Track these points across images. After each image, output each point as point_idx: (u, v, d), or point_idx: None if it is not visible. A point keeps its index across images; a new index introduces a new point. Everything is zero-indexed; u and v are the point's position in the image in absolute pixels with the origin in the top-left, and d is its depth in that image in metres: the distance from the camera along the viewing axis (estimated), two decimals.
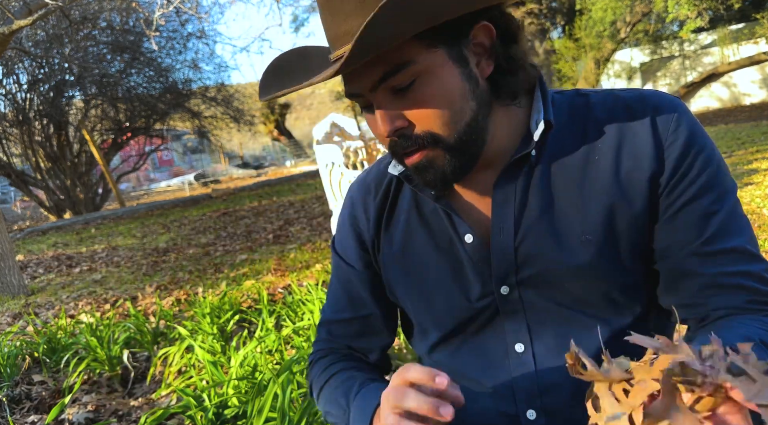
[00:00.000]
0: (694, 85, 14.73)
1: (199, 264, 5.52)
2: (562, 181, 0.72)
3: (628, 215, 0.70)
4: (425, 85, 0.65)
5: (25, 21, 4.60)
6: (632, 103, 0.72)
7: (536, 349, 0.75)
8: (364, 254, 0.87)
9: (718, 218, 0.68)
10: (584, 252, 0.71)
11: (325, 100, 31.07)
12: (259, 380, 1.89)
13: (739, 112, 12.68)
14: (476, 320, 0.78)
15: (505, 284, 0.75)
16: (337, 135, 4.70)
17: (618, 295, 0.72)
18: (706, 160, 0.69)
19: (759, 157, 6.17)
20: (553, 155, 0.73)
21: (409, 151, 0.69)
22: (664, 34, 15.31)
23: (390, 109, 0.67)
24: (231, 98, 15.23)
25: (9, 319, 4.23)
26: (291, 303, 3.03)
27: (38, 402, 2.46)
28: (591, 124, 0.73)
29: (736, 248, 0.68)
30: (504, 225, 0.74)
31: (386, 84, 0.65)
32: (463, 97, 0.67)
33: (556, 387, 0.74)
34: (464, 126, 0.68)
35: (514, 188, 0.73)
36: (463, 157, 0.69)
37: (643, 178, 0.69)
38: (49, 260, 7.13)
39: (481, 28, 0.67)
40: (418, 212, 0.81)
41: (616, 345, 0.72)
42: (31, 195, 12.93)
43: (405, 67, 0.64)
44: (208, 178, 20.62)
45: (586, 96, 0.75)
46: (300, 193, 10.83)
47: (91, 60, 11.24)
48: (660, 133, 0.69)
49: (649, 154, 0.69)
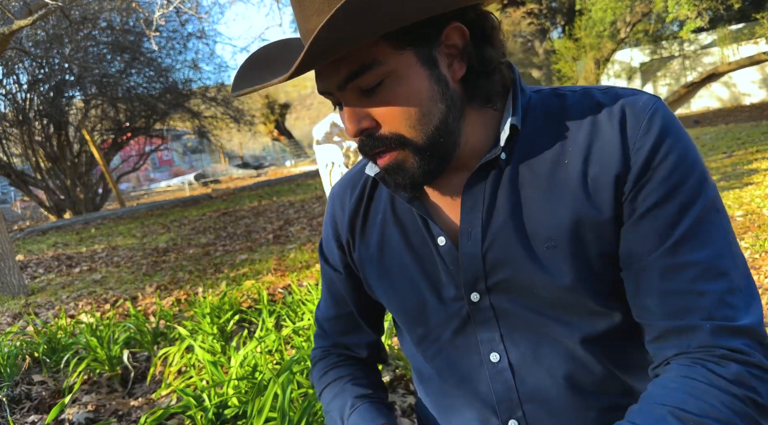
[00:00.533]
0: (694, 85, 14.72)
1: (199, 264, 5.52)
2: (530, 184, 0.70)
3: (594, 221, 0.67)
4: (392, 87, 0.64)
5: (25, 21, 4.60)
6: (606, 103, 0.69)
7: (512, 358, 0.73)
8: (341, 254, 0.88)
9: (683, 227, 0.63)
10: (550, 257, 0.68)
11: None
12: (259, 380, 1.89)
13: (739, 112, 12.68)
14: (449, 324, 0.77)
15: (475, 291, 0.73)
16: (337, 135, 4.70)
17: (590, 302, 0.69)
18: (675, 164, 0.64)
19: (759, 157, 6.17)
20: (524, 157, 0.71)
21: (378, 151, 0.69)
22: (664, 34, 15.31)
23: (357, 108, 0.67)
24: (231, 98, 15.22)
25: (9, 319, 4.23)
26: (291, 303, 3.03)
27: (38, 402, 2.46)
28: (564, 125, 0.70)
29: (698, 262, 0.63)
30: (472, 231, 0.72)
31: (353, 83, 0.65)
32: (432, 99, 0.66)
33: (536, 396, 0.72)
34: (433, 129, 0.66)
35: (482, 192, 0.72)
36: (432, 159, 0.68)
37: (608, 183, 0.66)
38: (49, 260, 7.13)
39: (454, 29, 0.66)
40: (394, 212, 0.81)
41: (591, 351, 0.71)
42: (31, 195, 12.93)
43: (371, 68, 0.63)
44: (208, 178, 20.62)
45: (563, 96, 0.73)
46: (300, 193, 10.83)
47: (91, 60, 11.24)
48: (628, 136, 0.66)
49: (616, 159, 0.66)
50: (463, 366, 0.77)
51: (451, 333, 0.77)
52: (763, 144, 7.14)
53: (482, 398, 0.76)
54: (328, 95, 0.69)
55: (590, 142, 0.68)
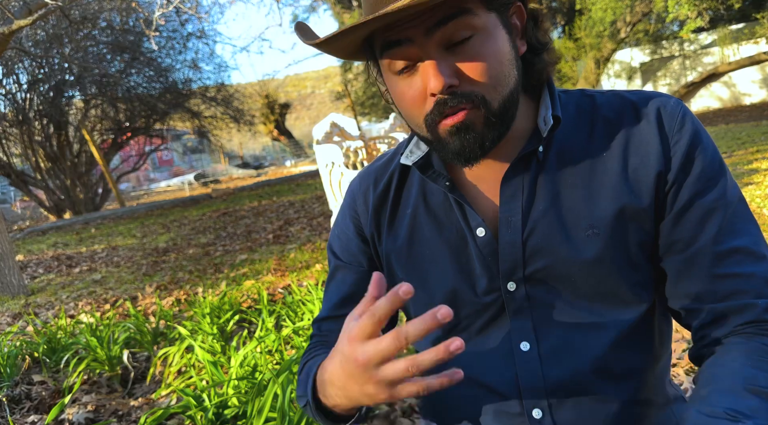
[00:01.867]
0: (694, 85, 14.73)
1: (199, 264, 5.52)
2: (569, 177, 0.73)
3: (636, 210, 0.71)
4: (481, 43, 0.66)
5: (25, 21, 4.61)
6: (638, 103, 0.74)
7: (542, 348, 0.75)
8: (365, 247, 0.87)
9: (724, 216, 0.69)
10: (591, 246, 0.71)
11: (325, 100, 31.06)
12: (259, 380, 1.89)
13: (739, 112, 12.68)
14: (482, 316, 0.78)
15: (512, 280, 0.75)
16: (337, 135, 4.70)
17: (626, 292, 0.72)
18: (710, 158, 0.70)
19: (759, 157, 6.17)
20: (561, 151, 0.74)
21: (453, 110, 0.67)
22: (664, 34, 15.32)
23: (445, 62, 0.66)
24: (231, 98, 15.25)
25: (9, 319, 4.23)
26: (291, 303, 3.03)
27: (38, 402, 2.46)
28: (598, 122, 0.75)
29: (741, 247, 0.68)
30: (512, 219, 0.74)
31: (445, 29, 0.64)
32: (511, 62, 0.68)
33: (562, 386, 0.74)
34: (507, 93, 0.68)
35: (521, 183, 0.74)
36: (500, 126, 0.69)
37: (650, 174, 0.71)
38: (49, 260, 7.13)
39: (517, 8, 0.71)
40: (426, 205, 0.81)
41: (620, 342, 0.73)
42: (31, 195, 12.94)
43: (467, 14, 0.64)
44: (208, 177, 20.63)
45: (591, 96, 0.77)
46: (300, 193, 10.84)
47: (91, 60, 11.24)
48: (666, 131, 0.71)
49: (655, 152, 0.71)
50: (490, 356, 0.78)
51: (483, 323, 0.78)
52: (763, 144, 7.14)
53: (508, 387, 0.76)
54: (400, 48, 0.66)
55: (628, 137, 0.73)
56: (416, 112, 0.70)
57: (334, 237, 0.92)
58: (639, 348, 0.75)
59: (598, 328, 0.73)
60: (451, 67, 0.66)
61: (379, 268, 0.87)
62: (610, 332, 0.73)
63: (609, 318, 0.73)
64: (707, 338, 0.70)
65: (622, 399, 0.74)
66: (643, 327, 0.74)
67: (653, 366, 0.77)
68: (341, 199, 4.07)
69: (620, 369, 0.74)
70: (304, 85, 32.39)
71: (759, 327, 0.67)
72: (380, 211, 0.85)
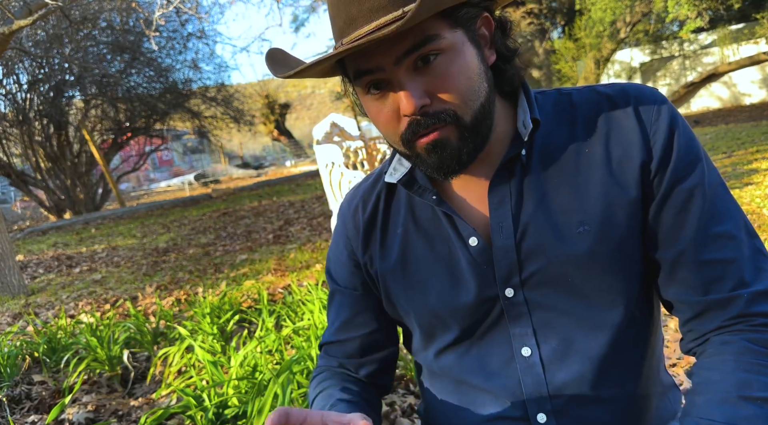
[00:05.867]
0: (694, 85, 14.73)
1: (199, 264, 5.52)
2: (555, 176, 0.74)
3: (623, 201, 0.71)
4: (449, 62, 0.67)
5: (25, 21, 4.61)
6: (614, 96, 0.75)
7: (543, 352, 0.75)
8: (358, 272, 0.87)
9: (706, 201, 0.70)
10: (584, 242, 0.71)
11: (325, 100, 31.08)
12: (259, 380, 1.89)
13: (739, 112, 12.68)
14: (482, 323, 0.78)
15: (510, 286, 0.75)
16: (337, 135, 4.70)
17: (622, 287, 0.73)
18: (687, 144, 0.71)
19: (759, 157, 6.17)
20: (544, 152, 0.75)
21: (427, 130, 0.69)
22: (664, 34, 15.32)
23: (415, 84, 0.67)
24: (231, 98, 15.24)
25: (9, 319, 4.23)
26: (291, 303, 3.03)
27: (38, 402, 2.46)
28: (578, 119, 0.75)
29: (724, 232, 0.69)
30: (503, 224, 0.74)
31: (412, 56, 0.65)
32: (480, 76, 0.69)
33: (566, 389, 0.74)
34: (479, 106, 0.69)
35: (508, 188, 0.75)
36: (475, 138, 0.70)
37: (634, 165, 0.71)
38: (49, 260, 7.13)
39: (484, 18, 0.71)
40: (415, 222, 0.81)
41: (620, 342, 0.74)
42: (31, 195, 12.94)
43: (434, 40, 0.65)
44: (208, 178, 20.63)
45: (568, 94, 0.78)
46: (300, 193, 10.84)
47: (91, 60, 11.24)
48: (644, 121, 0.72)
49: (637, 143, 0.71)
50: (492, 362, 0.78)
51: (483, 330, 0.79)
52: (763, 144, 7.14)
53: (510, 393, 0.77)
54: (370, 76, 0.68)
55: (608, 130, 0.73)
56: (391, 131, 0.71)
57: (330, 261, 0.92)
58: (637, 342, 0.75)
59: (597, 328, 0.73)
60: (421, 88, 0.67)
61: (373, 290, 0.87)
62: (609, 330, 0.73)
63: (607, 316, 0.73)
64: (695, 332, 0.72)
65: (623, 396, 0.75)
66: (639, 322, 0.75)
67: (650, 357, 0.77)
68: (341, 199, 4.07)
69: (620, 366, 0.74)
70: (304, 85, 32.38)
71: (745, 322, 0.68)
72: (371, 234, 0.85)
